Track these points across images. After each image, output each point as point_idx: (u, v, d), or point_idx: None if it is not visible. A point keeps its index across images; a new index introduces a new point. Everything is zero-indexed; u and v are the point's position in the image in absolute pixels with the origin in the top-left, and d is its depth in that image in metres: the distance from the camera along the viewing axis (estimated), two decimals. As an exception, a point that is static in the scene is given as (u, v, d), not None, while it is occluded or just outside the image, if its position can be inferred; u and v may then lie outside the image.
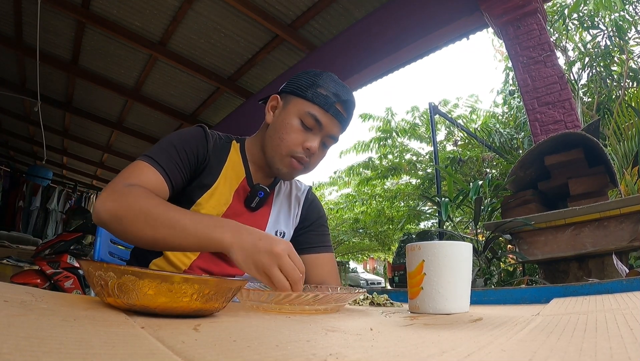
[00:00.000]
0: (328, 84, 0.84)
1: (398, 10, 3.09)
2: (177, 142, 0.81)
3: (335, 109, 0.84)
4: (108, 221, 0.67)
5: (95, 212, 0.68)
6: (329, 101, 0.83)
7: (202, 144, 0.85)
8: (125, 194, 0.67)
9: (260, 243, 0.59)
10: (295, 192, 1.01)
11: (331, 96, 0.83)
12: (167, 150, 0.79)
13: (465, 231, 4.45)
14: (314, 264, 0.97)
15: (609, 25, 5.41)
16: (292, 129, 0.83)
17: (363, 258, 15.30)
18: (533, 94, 2.39)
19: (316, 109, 0.83)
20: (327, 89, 0.83)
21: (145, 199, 0.66)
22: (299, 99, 0.84)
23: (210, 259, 0.87)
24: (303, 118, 0.83)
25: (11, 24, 3.74)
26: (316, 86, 0.84)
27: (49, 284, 2.78)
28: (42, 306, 0.35)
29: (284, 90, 0.89)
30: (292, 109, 0.84)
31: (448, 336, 0.35)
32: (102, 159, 7.08)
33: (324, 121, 0.83)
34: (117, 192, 0.67)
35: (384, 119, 7.65)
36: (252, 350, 0.26)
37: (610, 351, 0.24)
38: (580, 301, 0.59)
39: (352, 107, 0.87)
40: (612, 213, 1.71)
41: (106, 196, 0.67)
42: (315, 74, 0.87)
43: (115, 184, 0.69)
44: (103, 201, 0.67)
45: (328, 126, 0.84)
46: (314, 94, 0.83)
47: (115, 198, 0.67)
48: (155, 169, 0.75)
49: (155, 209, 0.65)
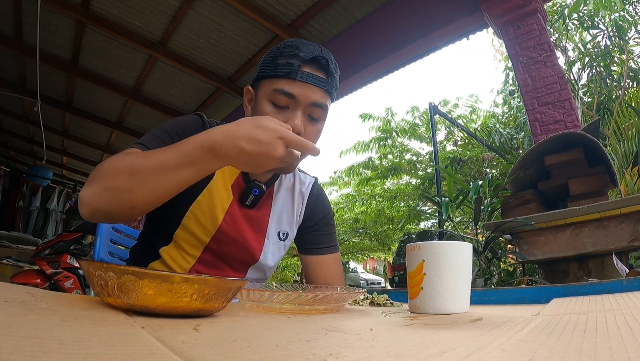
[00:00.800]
0: (287, 51, 0.73)
1: (398, 10, 3.09)
2: (171, 129, 0.76)
3: (303, 73, 0.71)
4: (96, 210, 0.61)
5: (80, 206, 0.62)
6: (293, 67, 0.71)
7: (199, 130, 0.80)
8: (98, 171, 0.61)
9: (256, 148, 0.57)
10: (299, 186, 0.93)
11: (292, 61, 0.71)
12: (159, 136, 0.74)
13: (465, 231, 4.45)
14: (319, 266, 0.94)
15: (609, 25, 5.41)
16: (264, 114, 0.72)
17: (363, 258, 15.30)
18: (533, 94, 2.39)
19: (281, 82, 0.71)
20: (286, 57, 0.72)
21: (116, 158, 0.61)
22: (264, 81, 0.75)
23: (210, 263, 0.84)
24: (273, 99, 0.72)
25: (11, 24, 3.74)
26: (275, 58, 0.74)
27: (49, 284, 2.78)
28: (42, 306, 0.35)
29: (254, 79, 0.81)
30: (261, 94, 0.75)
31: (448, 336, 0.35)
32: (102, 159, 7.08)
33: (295, 92, 0.71)
34: (92, 174, 0.62)
35: (384, 119, 7.65)
36: (252, 350, 0.26)
37: (610, 351, 0.24)
38: (580, 301, 0.59)
39: (325, 62, 0.73)
40: (612, 213, 1.71)
41: (85, 186, 0.61)
42: (275, 47, 0.77)
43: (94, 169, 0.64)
44: (83, 192, 0.61)
45: (303, 95, 0.71)
46: (275, 67, 0.73)
47: (90, 181, 0.61)
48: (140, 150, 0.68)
49: (127, 163, 0.59)
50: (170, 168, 0.58)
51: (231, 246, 0.83)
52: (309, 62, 0.72)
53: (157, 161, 0.58)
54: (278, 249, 0.91)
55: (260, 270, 0.90)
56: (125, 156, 0.62)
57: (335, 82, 0.77)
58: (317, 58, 0.72)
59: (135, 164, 0.59)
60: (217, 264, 0.84)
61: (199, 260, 0.82)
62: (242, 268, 0.88)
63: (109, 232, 1.17)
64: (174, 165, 0.58)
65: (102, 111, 5.43)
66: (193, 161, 0.58)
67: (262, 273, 0.91)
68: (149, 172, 0.58)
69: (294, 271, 9.65)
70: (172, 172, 0.58)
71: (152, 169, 0.58)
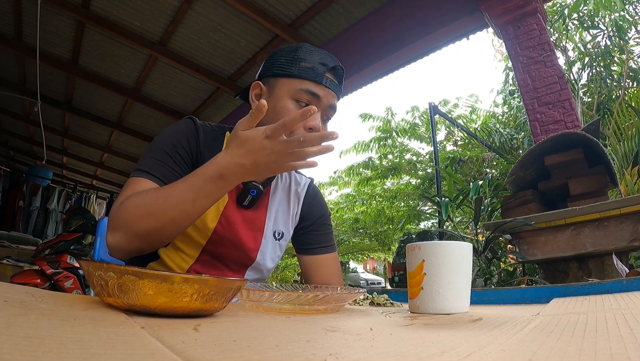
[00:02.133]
0: (310, 55, 0.78)
1: (398, 10, 3.09)
2: (167, 145, 0.76)
3: (327, 79, 0.78)
4: (128, 252, 0.67)
5: (110, 250, 0.67)
6: (319, 72, 0.77)
7: (193, 138, 0.79)
8: (120, 216, 0.66)
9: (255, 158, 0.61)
10: (295, 187, 0.94)
11: (318, 66, 0.77)
12: (158, 157, 0.75)
13: (465, 231, 4.44)
14: (317, 266, 0.94)
15: (609, 25, 5.41)
16: (288, 112, 0.75)
17: (363, 258, 15.30)
18: (533, 94, 2.39)
19: (309, 84, 0.76)
20: (311, 61, 0.77)
21: (135, 203, 0.65)
22: (285, 79, 0.78)
23: (208, 263, 0.83)
24: (297, 97, 0.76)
25: (11, 24, 3.74)
26: (299, 60, 0.77)
27: (49, 284, 2.78)
28: (42, 306, 0.35)
29: (264, 74, 0.82)
30: (281, 91, 0.77)
31: (448, 336, 0.35)
32: (102, 159, 7.08)
33: (320, 94, 0.77)
34: (115, 220, 0.66)
35: (384, 119, 7.65)
36: (252, 350, 0.26)
37: (610, 351, 0.24)
38: (580, 301, 0.59)
39: (342, 72, 0.82)
40: (612, 213, 1.71)
41: (109, 233, 0.67)
42: (291, 49, 0.80)
43: (111, 214, 0.68)
44: (111, 239, 0.66)
45: (325, 97, 0.78)
46: (300, 69, 0.77)
47: (115, 227, 0.66)
48: (146, 180, 0.71)
49: (149, 206, 0.64)
50: (189, 203, 0.64)
51: (227, 248, 0.83)
52: (331, 69, 0.79)
53: (176, 200, 0.63)
54: (274, 249, 0.91)
55: (258, 271, 0.90)
56: (142, 197, 0.66)
57: (342, 87, 0.85)
58: (337, 68, 0.80)
59: (157, 207, 0.64)
60: (215, 264, 0.84)
61: (198, 260, 0.82)
62: (239, 269, 0.88)
63: (109, 232, 1.17)
64: (192, 200, 0.64)
65: (102, 111, 5.43)
66: (207, 192, 0.64)
67: (260, 273, 0.91)
68: (171, 212, 0.64)
69: (294, 271, 9.65)
70: (191, 206, 0.64)
71: (173, 208, 0.63)
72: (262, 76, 0.83)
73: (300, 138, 0.59)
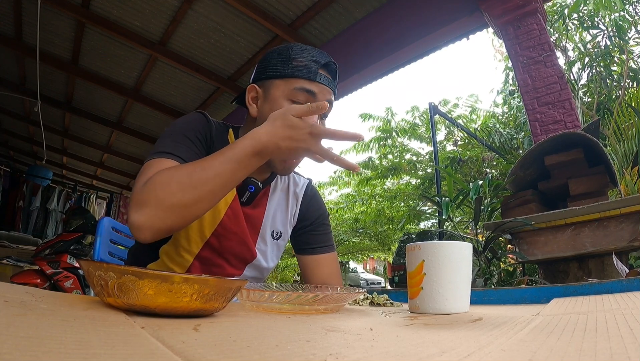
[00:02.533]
0: (302, 54, 0.79)
1: (398, 10, 3.09)
2: (186, 130, 0.77)
3: (321, 75, 0.78)
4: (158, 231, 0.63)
5: (136, 231, 0.62)
6: (312, 69, 0.77)
7: (207, 129, 0.82)
8: (149, 194, 0.62)
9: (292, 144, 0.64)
10: (294, 188, 0.95)
11: (311, 64, 0.77)
12: (181, 141, 0.75)
13: (465, 231, 4.44)
14: (316, 266, 0.95)
15: (609, 25, 5.41)
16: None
17: (363, 258, 15.30)
18: (533, 94, 2.39)
19: (303, 82, 0.77)
20: (303, 59, 0.78)
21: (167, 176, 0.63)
22: (280, 80, 0.78)
23: (208, 260, 0.84)
24: (293, 97, 0.77)
25: (11, 24, 3.74)
26: (291, 59, 0.78)
27: (49, 284, 2.78)
28: (42, 306, 0.35)
29: (259, 77, 0.82)
30: (277, 92, 0.78)
31: (448, 336, 0.35)
32: (102, 159, 7.08)
33: (316, 90, 0.77)
34: (141, 198, 0.62)
35: (383, 119, 7.64)
36: (252, 350, 0.26)
37: (610, 351, 0.24)
38: (580, 301, 0.59)
39: (334, 67, 0.82)
40: (612, 213, 1.71)
41: (135, 212, 0.62)
42: (283, 49, 0.81)
43: (135, 194, 0.65)
44: (137, 218, 0.62)
45: (321, 93, 0.78)
46: (293, 68, 0.77)
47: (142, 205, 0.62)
48: (167, 159, 0.70)
49: (186, 177, 0.63)
50: (227, 175, 0.64)
51: (231, 241, 0.84)
52: (323, 66, 0.80)
53: (215, 171, 0.63)
54: (271, 249, 0.92)
55: (256, 269, 0.90)
56: (175, 171, 0.64)
57: (336, 86, 0.85)
58: (329, 63, 0.81)
59: (195, 178, 0.63)
60: (215, 260, 0.85)
61: (198, 257, 0.83)
62: (239, 265, 0.88)
63: (109, 232, 1.17)
64: (231, 172, 0.64)
65: (102, 111, 5.42)
66: (246, 165, 0.65)
67: (258, 272, 0.92)
68: (211, 183, 0.63)
69: (294, 271, 9.64)
70: (229, 177, 0.65)
71: (212, 178, 0.63)
72: (256, 79, 0.84)
73: (334, 156, 0.64)
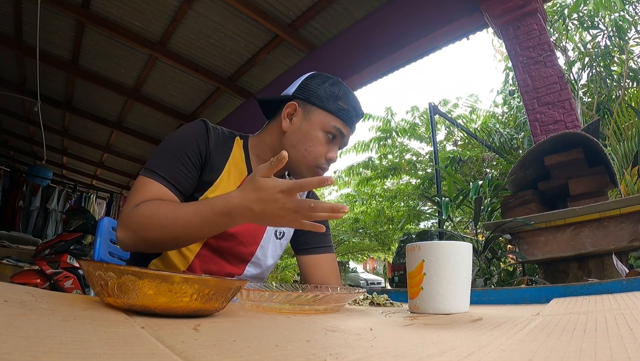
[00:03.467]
0: (347, 97, 0.88)
1: (398, 10, 3.09)
2: (176, 147, 0.80)
3: (354, 122, 0.90)
4: (134, 249, 0.73)
5: (119, 244, 0.74)
6: (351, 116, 0.88)
7: (203, 140, 0.83)
8: (133, 220, 0.71)
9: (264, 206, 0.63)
10: None
11: (352, 110, 0.88)
12: (168, 159, 0.78)
13: (465, 231, 4.44)
14: (314, 266, 0.97)
15: (609, 25, 5.41)
16: (318, 142, 0.86)
17: (363, 258, 15.29)
18: (533, 94, 2.39)
19: (340, 123, 0.87)
20: (347, 103, 0.87)
21: (148, 213, 0.70)
22: (322, 111, 0.86)
23: (209, 258, 0.86)
24: (328, 131, 0.86)
25: (11, 24, 3.74)
26: (337, 98, 0.87)
27: (49, 284, 2.78)
28: (42, 306, 0.35)
29: (300, 97, 0.87)
30: (316, 120, 0.86)
31: (448, 336, 0.35)
32: (102, 159, 7.08)
33: (346, 133, 0.88)
34: (127, 220, 0.71)
35: (383, 119, 7.64)
36: (252, 350, 0.26)
37: (610, 351, 0.24)
38: (580, 301, 0.59)
39: (362, 118, 0.93)
40: (612, 213, 1.71)
41: (120, 229, 0.72)
42: (332, 83, 0.88)
43: (124, 213, 0.73)
44: (121, 235, 0.72)
45: (347, 136, 0.90)
46: (337, 108, 0.86)
47: (126, 227, 0.71)
48: (158, 183, 0.75)
49: (159, 220, 0.69)
50: (195, 227, 0.68)
51: (229, 242, 0.86)
52: (358, 115, 0.91)
53: (183, 222, 0.68)
54: (274, 247, 0.95)
55: (257, 266, 0.93)
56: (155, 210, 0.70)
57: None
58: (362, 114, 0.92)
59: (166, 223, 0.69)
60: (214, 259, 0.87)
61: (198, 255, 0.85)
62: (239, 264, 0.90)
63: (109, 232, 1.17)
64: (198, 226, 0.68)
65: (102, 111, 5.42)
66: (213, 223, 0.67)
67: (259, 269, 0.94)
68: (178, 231, 0.69)
69: (293, 271, 9.65)
70: (196, 230, 0.69)
71: (180, 228, 0.68)
72: (297, 96, 0.88)
73: (311, 204, 0.61)
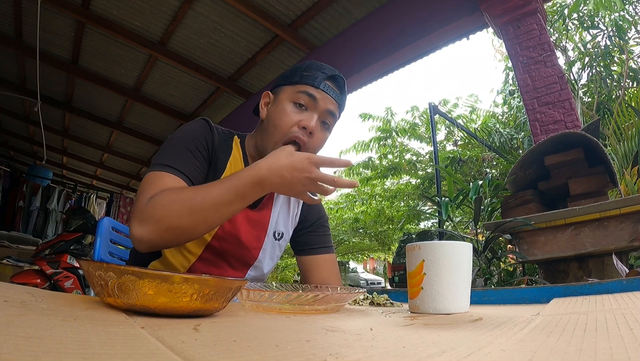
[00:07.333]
0: (312, 66, 0.85)
1: (398, 10, 3.09)
2: (188, 141, 0.79)
3: (325, 85, 0.83)
4: (153, 244, 0.66)
5: (136, 243, 0.66)
6: (317, 77, 0.83)
7: (210, 137, 0.83)
8: (152, 211, 0.65)
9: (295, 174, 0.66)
10: None
11: (318, 73, 0.83)
12: (180, 153, 0.77)
13: (465, 231, 4.44)
14: (315, 266, 0.97)
15: (609, 25, 5.41)
16: (284, 112, 0.81)
17: (363, 258, 15.30)
18: (533, 94, 2.39)
19: (307, 87, 0.82)
20: (312, 70, 0.84)
21: (169, 198, 0.65)
22: (288, 86, 0.84)
23: (210, 262, 0.85)
24: (295, 99, 0.82)
25: (11, 24, 3.74)
26: (301, 70, 0.85)
27: (49, 284, 2.78)
28: (42, 306, 0.35)
29: (272, 87, 0.90)
30: (283, 96, 0.84)
31: (448, 336, 0.35)
32: (102, 159, 7.08)
33: (317, 96, 0.81)
34: (145, 213, 0.65)
35: (383, 119, 7.64)
36: (252, 350, 0.26)
37: (610, 351, 0.24)
38: (580, 301, 0.59)
39: (342, 82, 0.86)
40: (612, 213, 1.71)
41: (137, 225, 0.65)
42: (299, 64, 0.88)
43: (139, 208, 0.67)
44: (138, 231, 0.65)
45: (322, 100, 0.82)
46: (301, 76, 0.83)
47: (145, 221, 0.65)
48: (173, 175, 0.72)
49: (185, 202, 0.64)
50: (225, 204, 0.66)
51: (232, 244, 0.86)
52: (330, 78, 0.84)
53: (213, 199, 0.65)
54: (273, 249, 0.95)
55: (258, 269, 0.93)
56: (177, 194, 0.66)
57: (344, 101, 0.89)
58: (336, 76, 0.85)
59: (194, 204, 0.65)
60: (217, 262, 0.86)
61: (200, 258, 0.84)
62: (241, 268, 0.90)
63: (109, 232, 1.17)
64: (229, 201, 0.66)
65: (102, 111, 5.42)
66: (244, 195, 0.66)
67: (260, 272, 0.94)
68: (208, 210, 0.65)
69: (294, 271, 9.65)
70: (227, 207, 0.66)
71: (210, 206, 0.65)
72: (271, 88, 0.90)
73: (334, 178, 0.66)
